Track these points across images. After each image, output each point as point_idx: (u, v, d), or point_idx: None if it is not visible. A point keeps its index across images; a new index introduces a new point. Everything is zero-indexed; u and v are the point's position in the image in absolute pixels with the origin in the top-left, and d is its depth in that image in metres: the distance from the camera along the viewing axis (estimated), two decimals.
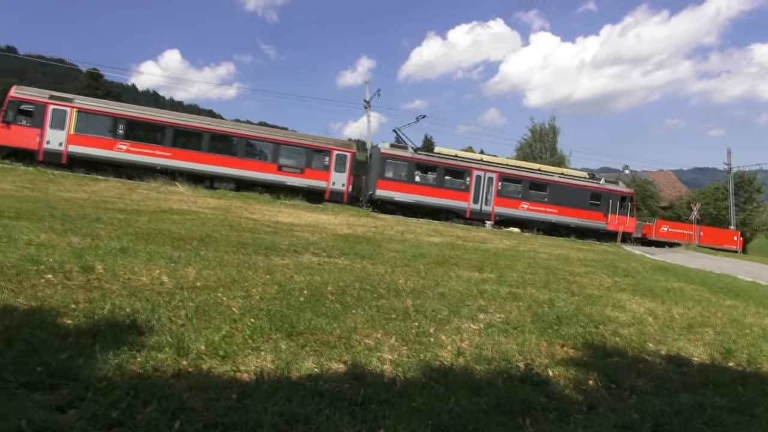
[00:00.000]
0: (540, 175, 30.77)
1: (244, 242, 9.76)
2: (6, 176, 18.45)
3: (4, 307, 4.28)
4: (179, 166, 25.59)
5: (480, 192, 29.13)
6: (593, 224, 30.71)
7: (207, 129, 26.56)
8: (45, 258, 6.01)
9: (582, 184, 31.19)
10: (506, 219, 29.45)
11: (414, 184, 28.42)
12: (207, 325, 4.54)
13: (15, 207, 10.21)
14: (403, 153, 28.96)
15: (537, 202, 29.98)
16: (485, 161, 31.01)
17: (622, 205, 31.21)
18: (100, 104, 26.45)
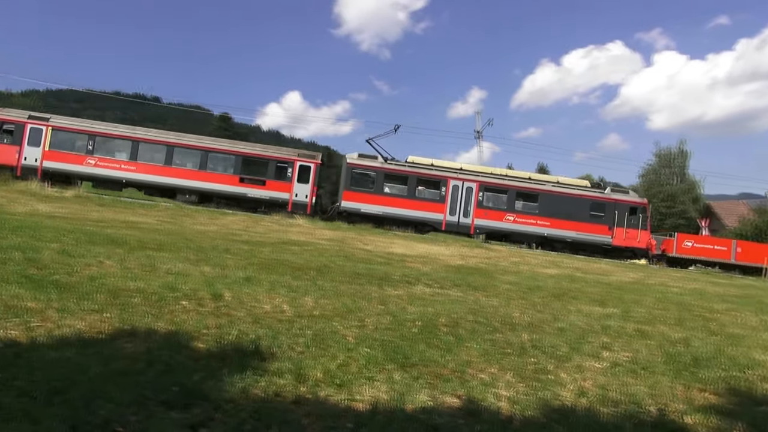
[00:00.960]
0: (529, 184, 28.20)
1: (358, 273, 10.01)
2: (150, 212, 20.56)
3: (147, 330, 4.72)
4: (144, 180, 26.43)
5: (457, 203, 27.25)
6: (595, 238, 27.45)
7: (169, 143, 27.10)
8: (181, 286, 6.57)
9: (580, 193, 28.09)
10: (489, 232, 27.37)
11: (383, 195, 27.13)
12: (324, 353, 4.68)
13: (157, 239, 11.30)
14: (371, 163, 27.65)
15: (525, 214, 27.52)
16: (464, 170, 28.50)
17: (631, 217, 27.60)
18: (71, 122, 27.85)
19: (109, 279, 6.43)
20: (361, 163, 27.50)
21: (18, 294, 5.16)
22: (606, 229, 27.39)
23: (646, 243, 27.90)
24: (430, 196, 27.37)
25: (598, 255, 26.54)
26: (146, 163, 26.50)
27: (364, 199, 26.86)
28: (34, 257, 6.96)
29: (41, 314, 4.74)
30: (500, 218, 27.33)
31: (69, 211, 17.11)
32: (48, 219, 13.38)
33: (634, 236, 27.41)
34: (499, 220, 27.31)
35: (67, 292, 5.54)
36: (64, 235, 9.45)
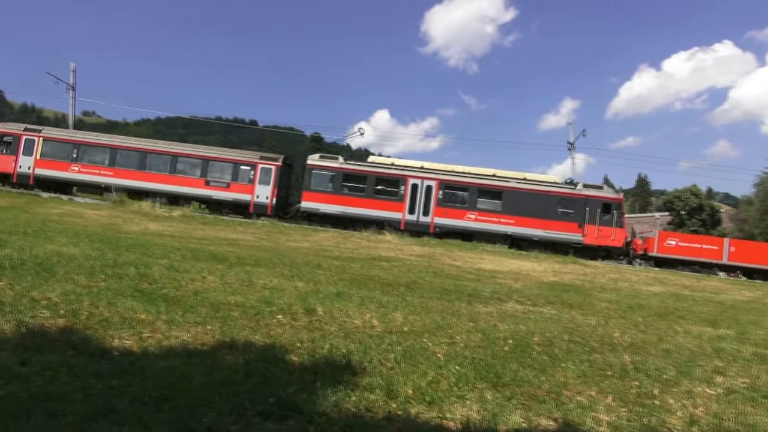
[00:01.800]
0: (492, 181, 26.68)
1: (447, 289, 9.92)
2: (248, 229, 21.62)
3: (245, 342, 4.94)
4: (120, 184, 27.61)
5: (417, 202, 26.40)
6: (564, 236, 25.58)
7: (141, 149, 28.50)
8: (276, 300, 6.82)
9: (547, 189, 26.21)
10: (449, 231, 26.06)
11: (342, 195, 26.85)
12: (414, 369, 4.66)
13: (254, 256, 11.84)
14: (330, 163, 27.43)
15: (488, 212, 26.18)
16: (425, 169, 27.37)
17: (605, 214, 25.52)
18: (59, 133, 29.95)
19: (211, 293, 6.81)
20: (321, 164, 27.50)
21: (132, 306, 5.59)
22: (576, 227, 25.72)
23: (622, 241, 25.89)
24: (389, 195, 26.90)
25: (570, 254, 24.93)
26: (122, 169, 28.07)
27: (324, 200, 26.96)
28: (146, 272, 7.52)
29: (152, 325, 5.10)
30: (461, 217, 26.40)
31: (176, 230, 18.38)
32: (157, 237, 14.44)
33: (608, 234, 25.58)
34: (460, 219, 26.37)
35: (174, 305, 5.93)
36: (171, 252, 10.15)
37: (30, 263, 6.86)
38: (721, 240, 27.51)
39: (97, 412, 3.15)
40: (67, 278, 6.43)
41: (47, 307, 5.18)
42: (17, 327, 4.52)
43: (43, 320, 4.80)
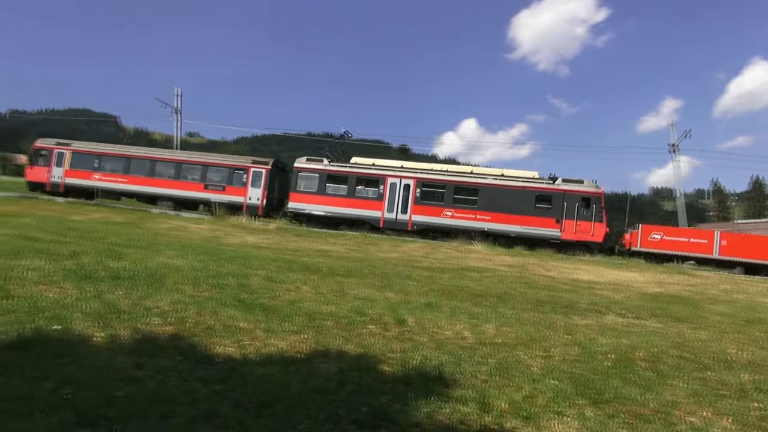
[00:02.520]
0: (468, 178, 26.68)
1: (541, 300, 9.59)
2: (339, 241, 22.14)
3: (339, 351, 5.04)
4: (132, 190, 30.15)
5: (395, 200, 26.85)
6: (541, 232, 25.21)
7: (150, 158, 30.63)
8: (368, 310, 6.91)
9: (523, 185, 25.94)
10: (427, 228, 26.37)
11: (326, 195, 27.65)
12: (508, 383, 4.53)
13: (346, 266, 12.09)
14: (316, 165, 28.19)
15: (464, 209, 26.19)
16: (404, 168, 27.64)
17: (583, 209, 24.93)
18: (85, 146, 32.19)
19: (305, 303, 7.03)
20: (306, 166, 28.32)
21: (233, 315, 5.89)
22: (553, 222, 25.32)
23: (602, 236, 24.92)
24: (369, 194, 27.47)
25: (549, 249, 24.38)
26: (135, 176, 30.29)
27: (309, 200, 27.83)
28: (245, 283, 7.89)
29: (251, 333, 5.33)
30: (438, 214, 26.57)
31: (272, 242, 19.18)
32: (255, 249, 15.14)
33: (587, 229, 24.92)
34: (437, 216, 26.56)
35: (271, 314, 6.17)
36: (268, 264, 10.60)
37: (143, 274, 7.41)
38: (711, 233, 26.18)
39: (203, 415, 3.33)
40: (175, 288, 6.88)
41: (158, 315, 5.57)
42: (133, 333, 4.89)
43: (154, 327, 5.16)
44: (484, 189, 26.48)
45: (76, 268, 7.19)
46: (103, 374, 3.80)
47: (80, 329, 4.77)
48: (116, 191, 31.11)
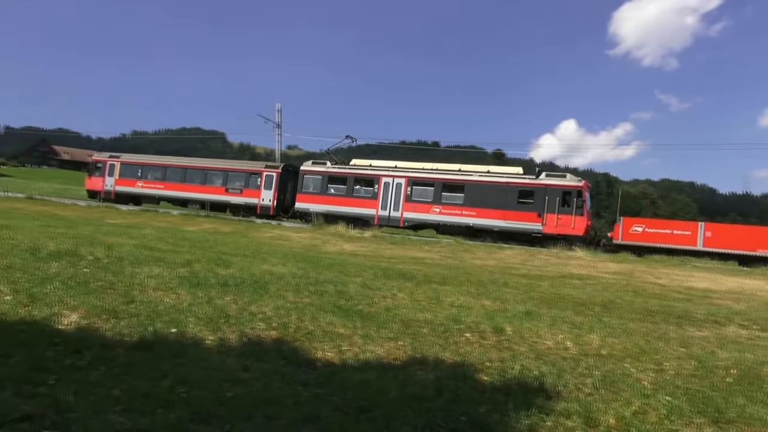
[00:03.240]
0: (455, 176, 27.95)
1: (650, 309, 8.99)
2: (433, 248, 22.11)
3: (435, 359, 5.02)
4: (168, 195, 34.11)
5: (388, 198, 28.58)
6: (523, 226, 25.85)
7: (182, 166, 34.55)
8: (464, 318, 6.82)
9: (507, 181, 26.70)
10: (417, 224, 28.24)
11: (327, 195, 29.75)
12: (615, 397, 4.28)
13: (441, 274, 12.04)
14: (319, 168, 30.44)
15: (451, 205, 27.46)
16: (398, 168, 29.23)
17: (564, 203, 25.23)
18: (131, 157, 36.50)
19: (401, 310, 7.07)
20: (311, 169, 30.69)
21: (332, 321, 6.05)
22: (535, 217, 25.78)
23: (584, 229, 25.06)
24: (365, 193, 29.24)
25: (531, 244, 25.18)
26: (170, 182, 34.21)
27: (313, 200, 30.07)
28: (343, 290, 8.09)
29: (349, 339, 5.45)
30: (427, 210, 27.87)
31: (367, 250, 19.53)
32: (352, 257, 15.49)
33: (568, 222, 25.17)
34: (426, 212, 27.88)
35: (368, 320, 6.27)
36: (364, 271, 10.79)
37: (249, 281, 7.82)
38: (695, 224, 25.68)
39: (304, 418, 3.44)
40: (278, 295, 7.19)
41: (262, 320, 5.84)
42: (240, 337, 5.17)
43: (259, 332, 5.42)
44: (470, 186, 27.56)
45: (189, 275, 7.72)
46: (214, 375, 4.04)
47: (194, 332, 5.11)
48: (155, 197, 34.97)
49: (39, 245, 8.69)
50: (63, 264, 7.41)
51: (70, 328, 4.84)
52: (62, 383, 3.55)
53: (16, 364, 3.78)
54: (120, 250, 9.21)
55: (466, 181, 27.71)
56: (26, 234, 10.35)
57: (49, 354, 4.06)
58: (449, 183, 28.03)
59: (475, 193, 27.33)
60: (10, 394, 3.28)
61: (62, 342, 4.36)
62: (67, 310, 5.27)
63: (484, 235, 26.42)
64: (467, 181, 27.68)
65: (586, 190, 26.21)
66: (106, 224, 19.75)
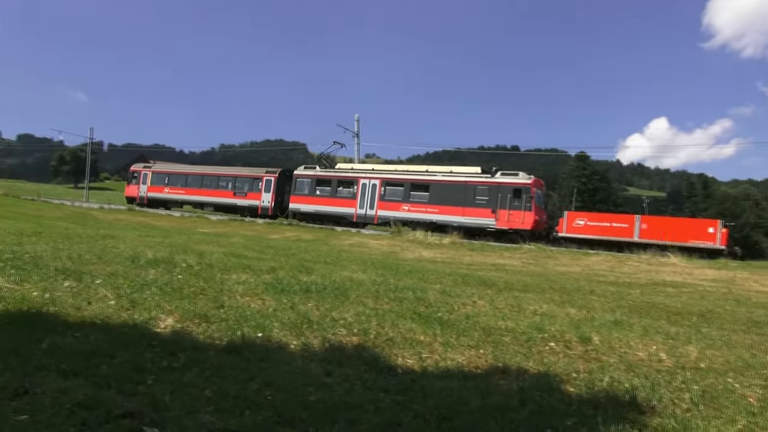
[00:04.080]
0: (422, 176, 30.91)
1: (756, 320, 8.30)
2: (515, 254, 21.63)
3: (518, 368, 4.88)
4: (188, 199, 39.24)
5: (365, 198, 31.50)
6: (479, 221, 28.41)
7: (199, 173, 39.83)
8: (547, 327, 6.60)
9: (466, 180, 29.35)
10: (388, 221, 30.53)
11: (315, 196, 33.32)
12: (717, 414, 3.98)
13: (522, 281, 11.75)
14: (309, 172, 34.25)
15: (418, 203, 30.16)
16: (374, 170, 32.96)
17: (515, 199, 27.44)
18: (160, 166, 42.64)
19: (481, 318, 6.96)
20: (303, 173, 34.49)
21: (411, 328, 6.05)
22: (489, 213, 27.92)
23: (531, 224, 26.89)
24: (346, 194, 32.56)
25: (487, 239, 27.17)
26: (190, 188, 39.06)
27: (303, 201, 33.69)
28: (422, 297, 8.07)
29: (429, 347, 5.42)
30: (398, 208, 30.70)
31: (446, 257, 19.41)
32: (430, 263, 15.45)
33: (519, 217, 27.14)
34: (397, 210, 30.67)
35: (448, 328, 6.22)
36: (443, 278, 10.73)
37: (330, 288, 7.99)
38: (631, 217, 27.32)
39: (386, 424, 3.46)
40: (358, 301, 7.29)
41: (344, 326, 5.94)
42: (322, 342, 5.28)
43: (341, 337, 5.52)
44: (434, 185, 30.22)
45: (273, 281, 8.00)
46: (298, 379, 4.15)
47: (278, 337, 5.28)
48: (179, 201, 39.95)
49: (138, 254, 9.33)
50: (159, 271, 7.91)
51: (166, 331, 5.15)
52: (159, 383, 3.78)
53: (119, 364, 4.07)
54: (210, 258, 9.72)
55: (430, 181, 30.54)
56: (127, 243, 11.15)
57: (147, 355, 4.34)
58: (416, 183, 31.01)
59: (438, 192, 30.00)
60: (114, 392, 3.53)
61: (159, 344, 4.65)
62: (164, 314, 5.62)
63: (448, 230, 27.91)
64: (432, 181, 30.49)
65: (536, 187, 28.00)
66: (197, 233, 20.91)
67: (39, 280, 6.48)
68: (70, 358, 4.06)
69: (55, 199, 43.47)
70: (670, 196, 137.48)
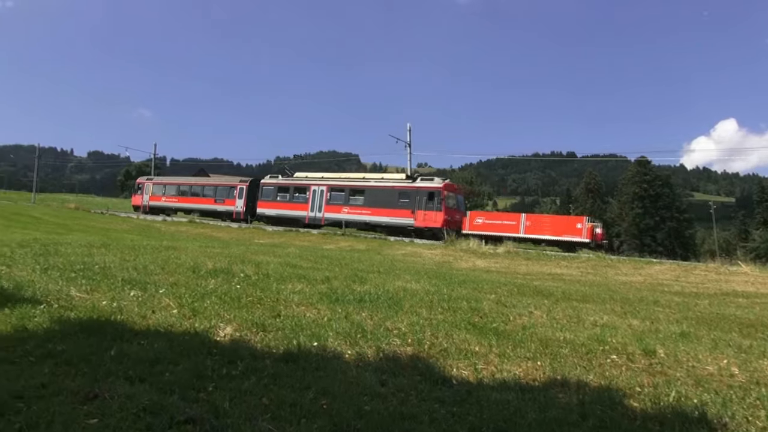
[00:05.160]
0: (359, 182, 35.53)
1: None
2: (572, 263, 21.04)
3: (578, 381, 4.74)
4: (180, 206, 44.53)
5: (315, 202, 36.03)
6: (402, 221, 32.35)
7: (189, 183, 46.62)
8: (609, 339, 6.38)
9: (392, 185, 33.81)
10: (333, 223, 34.90)
11: (276, 201, 38.25)
12: None
13: (581, 291, 11.41)
14: (273, 181, 39.51)
15: (355, 206, 34.41)
16: (324, 178, 37.66)
17: (430, 201, 31.46)
18: (159, 179, 49.60)
19: (538, 328, 6.79)
20: (267, 182, 39.81)
21: (466, 338, 5.98)
22: (410, 213, 31.95)
23: (441, 223, 30.45)
24: (301, 199, 37.36)
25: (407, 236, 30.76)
26: (182, 197, 44.96)
27: (268, 206, 38.70)
28: (477, 307, 7.97)
29: (484, 358, 5.34)
30: (340, 211, 35.00)
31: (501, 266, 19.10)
32: (485, 273, 15.24)
33: (432, 217, 30.92)
34: (339, 213, 35.02)
35: (503, 339, 6.11)
36: (498, 287, 10.56)
37: (383, 297, 8.01)
38: (518, 215, 31.13)
39: None
40: (412, 311, 7.27)
41: (398, 336, 5.94)
42: (376, 352, 5.30)
43: (395, 347, 5.52)
44: (368, 190, 34.66)
45: (328, 291, 8.10)
46: (353, 388, 4.18)
47: (333, 346, 5.33)
48: (173, 208, 45.05)
49: (199, 264, 9.67)
50: (219, 281, 8.16)
51: (225, 339, 5.30)
52: (219, 390, 3.89)
53: (181, 371, 4.22)
54: (267, 268, 9.94)
55: (365, 186, 35.07)
56: (189, 254, 11.57)
57: (208, 363, 4.47)
58: (354, 188, 35.43)
59: (371, 196, 34.36)
60: (177, 398, 3.66)
61: (219, 352, 4.79)
62: (223, 323, 5.79)
63: (378, 229, 33.16)
64: (366, 186, 35.09)
65: (447, 190, 32.24)
66: (254, 244, 21.45)
67: (107, 290, 6.83)
68: (136, 365, 4.25)
69: (122, 212, 46.13)
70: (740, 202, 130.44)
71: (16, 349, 4.41)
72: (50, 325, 5.17)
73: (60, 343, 4.62)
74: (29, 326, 5.05)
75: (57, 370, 4.04)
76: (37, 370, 4.00)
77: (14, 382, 3.70)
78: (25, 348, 4.44)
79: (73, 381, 3.81)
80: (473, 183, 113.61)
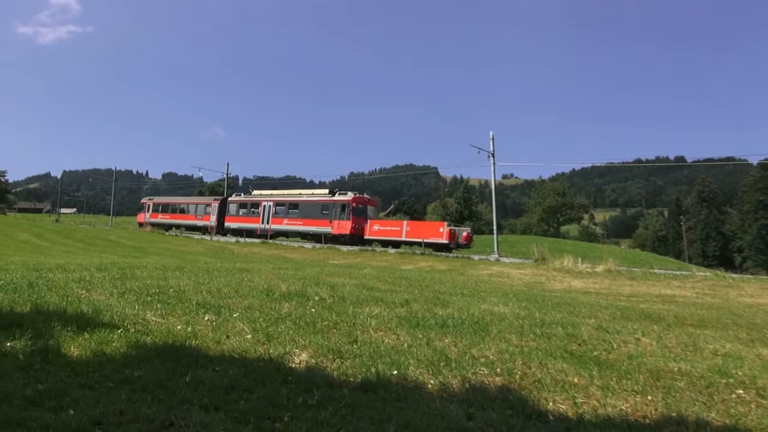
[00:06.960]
0: (296, 198, 45.36)
1: None
2: (685, 283, 19.85)
3: (697, 420, 4.43)
4: (171, 222, 54.33)
5: (264, 216, 46.39)
6: (324, 230, 41.10)
7: (177, 202, 57.20)
8: (733, 370, 5.94)
9: (318, 199, 43.22)
10: (277, 233, 45.13)
11: (238, 216, 48.84)
12: None
13: (697, 314, 10.71)
14: (236, 198, 50.75)
15: (293, 218, 44.26)
16: (273, 194, 48.63)
17: (342, 212, 40.40)
18: (157, 199, 60.82)
19: (647, 358, 6.44)
20: (233, 199, 50.40)
21: (563, 368, 5.76)
22: (328, 223, 41.15)
23: (349, 230, 39.19)
24: (255, 214, 46.99)
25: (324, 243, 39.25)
26: (172, 214, 55.09)
27: (232, 220, 48.87)
28: (574, 333, 7.67)
29: (585, 390, 5.12)
30: (281, 223, 44.86)
31: (600, 287, 18.34)
32: (582, 295, 14.68)
33: (343, 226, 39.98)
34: (281, 224, 44.83)
35: (606, 369, 5.83)
36: (598, 311, 10.12)
37: (468, 322, 7.90)
38: (401, 222, 40.61)
39: None
40: (500, 337, 7.11)
41: (485, 364, 5.82)
42: (462, 382, 5.21)
43: (482, 377, 5.41)
44: (302, 204, 43.70)
45: (408, 315, 8.10)
46: (437, 422, 4.12)
47: (414, 375, 5.30)
48: (167, 224, 54.30)
49: (272, 287, 9.97)
50: (293, 304, 8.37)
51: (300, 366, 5.41)
52: (295, 420, 3.97)
53: (256, 400, 4.34)
54: (342, 290, 10.10)
55: (300, 201, 44.23)
56: (262, 276, 11.97)
57: (283, 391, 4.58)
58: (292, 203, 44.88)
59: (305, 209, 43.37)
60: (252, 428, 3.76)
61: (294, 380, 4.89)
62: (298, 348, 5.92)
63: (308, 237, 42.19)
64: (300, 201, 44.23)
65: (355, 202, 40.28)
66: (329, 265, 21.87)
67: (182, 314, 7.18)
68: (211, 392, 4.42)
69: (196, 234, 48.88)
70: None
71: (95, 374, 4.72)
72: (127, 349, 5.49)
73: (137, 368, 4.90)
74: (107, 351, 5.39)
75: (134, 396, 4.28)
76: (114, 395, 4.26)
77: (93, 408, 3.96)
78: (103, 373, 4.75)
79: (149, 408, 4.02)
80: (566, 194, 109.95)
